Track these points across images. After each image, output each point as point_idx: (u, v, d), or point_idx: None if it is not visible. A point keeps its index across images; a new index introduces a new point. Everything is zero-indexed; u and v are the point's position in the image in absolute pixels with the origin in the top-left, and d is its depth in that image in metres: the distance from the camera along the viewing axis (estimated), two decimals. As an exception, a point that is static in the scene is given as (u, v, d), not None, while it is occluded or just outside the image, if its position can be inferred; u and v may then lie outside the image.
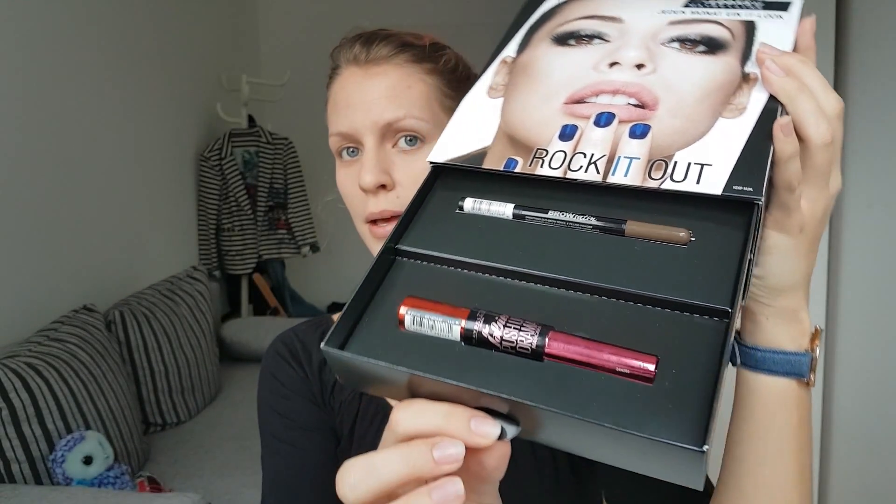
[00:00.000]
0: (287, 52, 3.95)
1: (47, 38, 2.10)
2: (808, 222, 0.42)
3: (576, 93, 0.43)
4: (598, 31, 0.47)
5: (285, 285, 3.53)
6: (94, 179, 2.33)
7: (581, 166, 0.39)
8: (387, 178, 0.63)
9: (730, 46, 0.43)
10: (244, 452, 2.10)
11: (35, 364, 1.69)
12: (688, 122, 0.40)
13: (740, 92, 0.41)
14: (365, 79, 0.65)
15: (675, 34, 0.45)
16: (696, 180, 0.37)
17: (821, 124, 0.39)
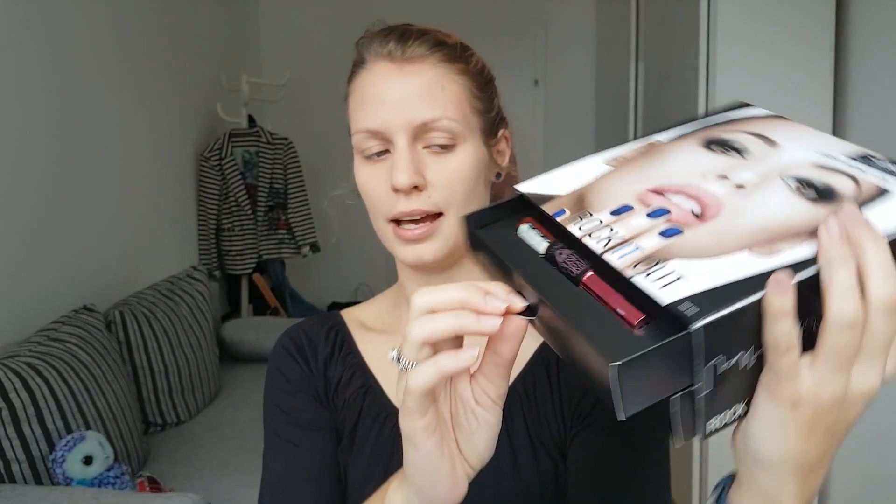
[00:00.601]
0: (287, 53, 3.96)
1: (48, 39, 2.10)
2: (807, 401, 0.36)
3: (662, 185, 0.44)
4: (745, 147, 0.46)
5: (285, 285, 3.53)
6: (95, 179, 2.33)
7: (597, 237, 0.41)
8: (420, 179, 0.62)
9: (841, 201, 0.39)
10: (244, 452, 2.09)
11: (35, 364, 1.68)
12: (715, 244, 0.38)
13: (792, 240, 0.38)
14: (400, 76, 0.63)
15: (804, 174, 0.42)
16: (662, 285, 0.37)
17: (847, 302, 0.35)
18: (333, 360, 0.73)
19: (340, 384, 0.72)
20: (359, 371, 0.72)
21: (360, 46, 0.68)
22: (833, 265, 0.35)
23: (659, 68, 2.34)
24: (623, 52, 2.84)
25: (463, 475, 0.45)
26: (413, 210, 0.62)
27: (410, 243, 0.64)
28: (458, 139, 0.64)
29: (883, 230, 0.37)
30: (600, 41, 3.67)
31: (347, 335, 0.75)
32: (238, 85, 3.18)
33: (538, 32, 3.85)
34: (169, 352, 2.26)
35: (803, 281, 0.36)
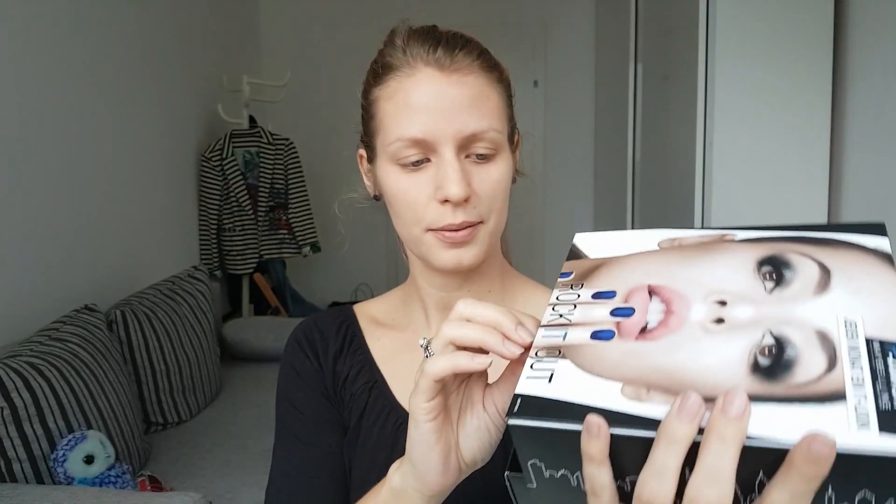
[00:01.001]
0: (288, 53, 3.96)
1: (48, 39, 2.11)
2: None
3: (665, 286, 0.43)
4: (790, 280, 0.41)
5: (286, 285, 3.54)
6: (96, 179, 2.34)
7: (557, 310, 0.45)
8: (471, 190, 0.62)
9: (784, 384, 0.35)
10: (245, 451, 2.10)
11: (36, 363, 1.69)
12: (609, 366, 0.38)
13: (671, 397, 0.35)
14: (448, 86, 0.61)
15: (787, 336, 0.37)
16: (528, 376, 0.39)
17: (651, 484, 0.33)
18: (342, 356, 0.75)
19: (348, 379, 0.73)
20: (366, 366, 0.73)
21: (394, 48, 0.65)
22: (660, 441, 0.33)
23: (658, 69, 2.35)
24: (622, 53, 2.84)
25: (455, 465, 0.48)
26: (461, 222, 0.62)
27: (452, 248, 0.64)
28: (499, 149, 0.64)
29: (767, 432, 0.32)
30: (599, 42, 3.68)
31: (357, 331, 0.76)
32: (239, 85, 3.19)
33: (538, 33, 3.85)
34: (170, 351, 2.27)
35: (637, 441, 0.34)
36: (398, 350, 0.74)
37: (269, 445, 2.27)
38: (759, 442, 0.32)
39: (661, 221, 2.32)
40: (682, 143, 1.97)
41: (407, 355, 0.72)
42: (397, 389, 0.72)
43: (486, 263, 0.69)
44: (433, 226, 0.63)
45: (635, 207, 2.77)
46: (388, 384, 0.72)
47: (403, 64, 0.64)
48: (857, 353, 0.36)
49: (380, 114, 0.65)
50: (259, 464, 2.03)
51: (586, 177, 3.74)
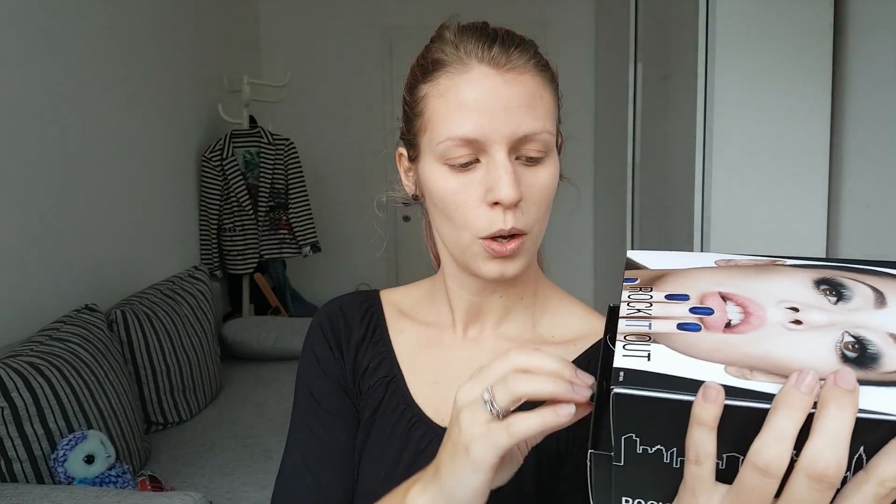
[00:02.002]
0: (288, 54, 3.97)
1: (49, 39, 2.11)
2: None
3: (736, 294, 0.44)
4: (851, 296, 0.44)
5: (286, 285, 3.54)
6: (96, 179, 2.34)
7: (633, 307, 0.45)
8: (521, 194, 0.60)
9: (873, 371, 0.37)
10: (245, 451, 2.10)
11: (37, 363, 1.69)
12: (709, 351, 0.39)
13: (772, 376, 0.37)
14: (503, 85, 0.59)
15: (866, 336, 0.40)
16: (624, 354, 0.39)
17: (771, 447, 0.33)
18: (364, 345, 0.74)
19: (367, 371, 0.73)
20: (386, 359, 0.73)
21: (445, 44, 0.63)
22: (779, 408, 0.34)
23: (658, 69, 2.35)
24: (622, 53, 2.84)
25: (487, 493, 0.49)
26: (511, 228, 0.60)
27: (498, 260, 0.62)
28: (549, 152, 0.62)
29: (874, 407, 0.34)
30: (599, 42, 3.68)
31: (381, 319, 0.75)
32: (239, 86, 3.19)
33: (538, 33, 3.85)
34: (170, 351, 2.27)
35: (748, 412, 0.35)
36: (420, 346, 0.73)
37: (269, 445, 2.28)
38: (870, 415, 0.34)
39: (661, 221, 2.32)
40: (681, 143, 1.97)
41: (427, 352, 0.72)
42: (414, 387, 0.71)
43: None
44: (483, 233, 0.61)
45: (635, 207, 2.77)
46: (405, 380, 0.72)
47: (456, 60, 0.61)
48: None
49: (428, 111, 0.62)
50: (259, 464, 2.03)
51: (586, 177, 3.75)
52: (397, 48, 3.91)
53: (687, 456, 0.36)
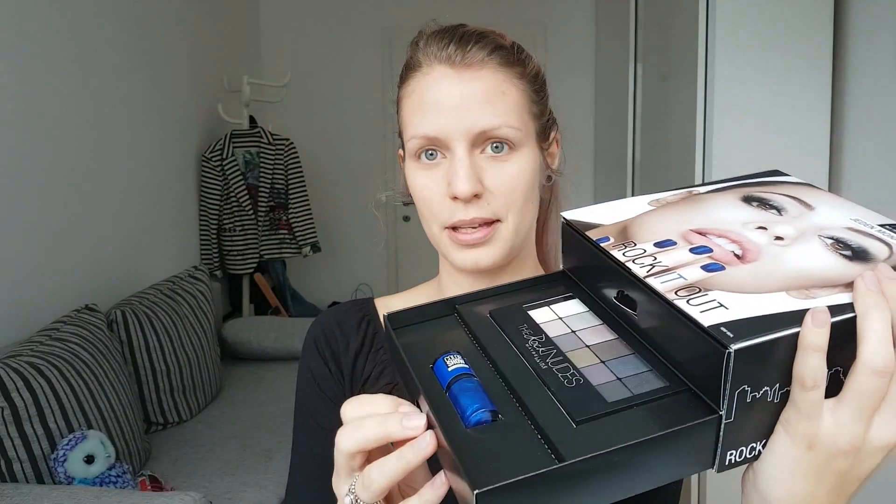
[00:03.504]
0: (288, 54, 3.97)
1: (49, 39, 2.11)
2: (824, 444, 0.37)
3: (706, 227, 0.46)
4: (783, 206, 0.48)
5: (286, 285, 3.54)
6: (96, 180, 2.34)
7: (643, 264, 0.43)
8: (480, 187, 0.61)
9: (873, 261, 0.41)
10: (245, 451, 2.10)
11: (37, 363, 1.69)
12: (755, 282, 0.40)
13: (828, 289, 0.39)
14: (459, 82, 0.61)
15: (839, 235, 0.44)
16: (702, 310, 0.38)
17: (882, 349, 0.36)
18: (363, 355, 0.73)
19: (370, 380, 0.72)
20: (388, 367, 0.72)
21: (416, 49, 0.66)
22: (870, 312, 0.36)
23: (658, 70, 2.35)
24: (622, 53, 2.84)
25: None
26: (472, 219, 0.62)
27: (468, 248, 0.63)
28: (517, 145, 0.63)
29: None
30: (599, 42, 3.68)
31: (378, 327, 0.74)
32: (239, 86, 3.19)
33: (538, 33, 3.85)
34: (170, 351, 2.27)
35: (836, 324, 0.37)
36: None
37: (269, 445, 2.28)
38: None
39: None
40: (681, 143, 1.98)
41: None
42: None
43: (515, 264, 0.68)
44: (447, 223, 0.63)
45: (635, 207, 2.76)
46: None
47: (421, 63, 0.64)
48: (890, 235, 0.44)
49: (402, 113, 0.66)
50: (259, 463, 2.03)
51: (586, 176, 3.75)
52: (397, 49, 3.91)
53: (801, 384, 0.36)
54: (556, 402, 0.41)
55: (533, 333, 0.47)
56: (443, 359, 0.45)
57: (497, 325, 0.49)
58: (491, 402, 0.41)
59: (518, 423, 0.41)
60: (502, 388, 0.43)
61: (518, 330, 0.48)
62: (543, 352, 0.45)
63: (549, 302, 0.51)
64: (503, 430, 0.40)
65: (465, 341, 0.49)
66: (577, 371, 0.43)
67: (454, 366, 0.44)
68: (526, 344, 0.46)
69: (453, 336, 0.49)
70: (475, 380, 0.43)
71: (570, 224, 0.50)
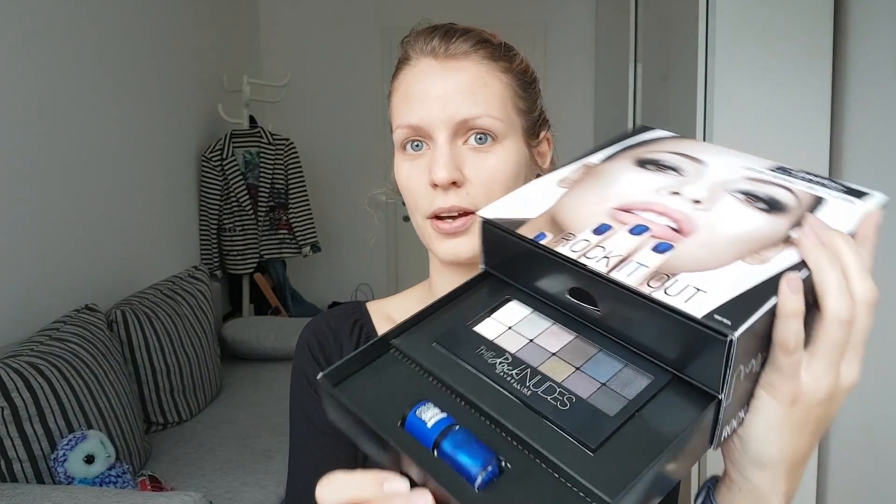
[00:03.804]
0: (288, 53, 3.97)
1: (49, 39, 2.11)
2: (805, 398, 0.39)
3: (628, 203, 0.45)
4: (678, 166, 0.49)
5: (286, 285, 3.54)
6: (96, 179, 2.34)
7: (595, 257, 0.41)
8: (459, 175, 0.62)
9: (789, 211, 0.44)
10: (245, 451, 2.10)
11: (37, 363, 1.69)
12: (709, 255, 0.40)
13: (774, 249, 0.40)
14: (443, 72, 0.63)
15: (746, 188, 0.46)
16: (685, 299, 0.37)
17: (841, 300, 0.38)
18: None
19: None
20: None
21: (405, 44, 0.68)
22: (824, 268, 0.38)
23: (658, 69, 2.35)
24: (622, 53, 2.84)
25: None
26: (451, 206, 0.62)
27: (448, 237, 0.63)
28: (499, 137, 0.63)
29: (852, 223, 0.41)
30: (599, 42, 3.68)
31: (372, 331, 0.73)
32: (239, 86, 3.19)
33: (538, 33, 3.85)
34: (170, 351, 2.27)
35: (805, 283, 0.38)
36: None
37: (268, 445, 2.28)
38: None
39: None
40: (681, 143, 1.97)
41: None
42: None
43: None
44: (429, 212, 0.63)
45: (635, 207, 2.76)
46: None
47: (408, 58, 0.66)
48: (784, 178, 0.47)
49: (391, 106, 0.68)
50: (259, 464, 2.03)
51: (586, 177, 3.74)
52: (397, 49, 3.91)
53: (785, 349, 0.38)
54: (561, 431, 0.38)
55: (496, 355, 0.43)
56: (414, 412, 0.39)
57: (452, 355, 0.43)
58: (490, 450, 0.37)
59: (530, 468, 0.37)
60: (491, 428, 0.39)
61: (478, 355, 0.43)
62: (518, 374, 0.41)
63: (489, 312, 0.47)
64: (518, 481, 0.36)
65: (424, 383, 0.43)
66: (562, 388, 0.40)
67: (433, 419, 0.39)
68: (496, 370, 0.41)
69: (407, 380, 0.43)
70: (463, 429, 0.38)
71: (493, 224, 0.47)
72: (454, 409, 0.40)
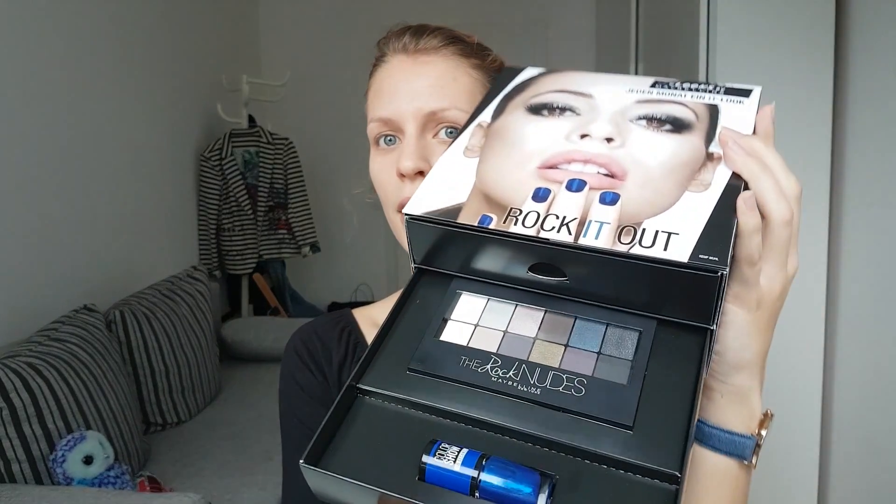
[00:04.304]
0: (287, 53, 3.96)
1: (48, 39, 2.10)
2: (766, 299, 0.43)
3: (549, 159, 0.45)
4: (570, 105, 0.49)
5: (285, 285, 3.53)
6: (95, 179, 2.33)
7: (553, 227, 0.40)
8: (425, 165, 0.62)
9: (694, 127, 0.46)
10: (244, 452, 2.10)
11: (35, 364, 1.69)
12: (655, 194, 0.42)
13: (705, 169, 0.43)
14: (412, 67, 0.65)
15: (643, 112, 0.47)
16: (663, 247, 0.38)
17: (781, 203, 0.41)
18: (347, 365, 0.72)
19: None
20: None
21: (380, 44, 0.70)
22: (759, 177, 0.41)
23: (658, 69, 2.35)
24: (623, 52, 2.84)
25: None
26: None
27: None
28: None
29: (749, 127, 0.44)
30: (600, 42, 3.68)
31: (360, 337, 0.73)
32: (238, 85, 3.19)
33: (538, 33, 3.85)
34: (169, 351, 2.27)
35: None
36: None
37: (268, 446, 2.27)
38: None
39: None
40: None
41: None
42: None
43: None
44: (397, 203, 0.64)
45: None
46: None
47: (382, 56, 0.69)
48: (668, 93, 0.48)
49: (367, 104, 0.70)
50: (258, 464, 2.03)
51: (586, 177, 3.75)
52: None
53: (750, 262, 0.41)
54: (590, 420, 0.36)
55: (482, 362, 0.40)
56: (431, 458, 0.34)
57: (434, 377, 0.39)
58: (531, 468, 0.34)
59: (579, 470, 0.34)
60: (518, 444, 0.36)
61: (463, 368, 0.39)
62: (516, 375, 0.38)
63: (446, 316, 0.44)
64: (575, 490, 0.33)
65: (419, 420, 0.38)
66: (566, 374, 0.38)
67: (457, 458, 0.34)
68: (491, 378, 0.38)
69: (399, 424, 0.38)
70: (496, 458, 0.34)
71: (431, 221, 0.44)
72: (469, 439, 0.36)
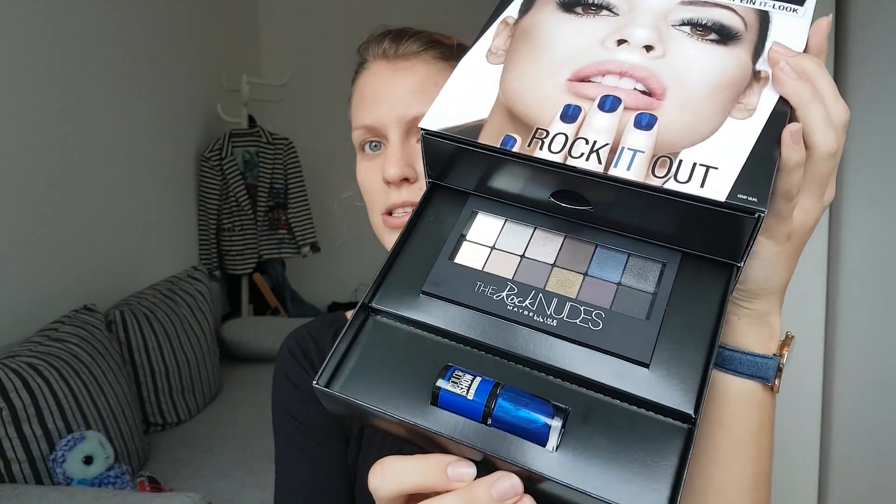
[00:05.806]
0: (287, 52, 3.96)
1: (48, 38, 2.10)
2: (797, 231, 0.41)
3: (581, 70, 0.41)
4: (607, 2, 0.44)
5: (285, 285, 3.53)
6: (95, 179, 2.33)
7: (582, 153, 0.37)
8: (410, 171, 0.63)
9: (742, 38, 0.41)
10: (244, 452, 2.10)
11: (35, 364, 1.69)
12: (696, 119, 0.38)
13: (750, 91, 0.39)
14: (393, 73, 0.65)
15: (687, 16, 0.42)
16: (700, 183, 0.35)
17: (829, 133, 0.38)
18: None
19: None
20: None
21: (361, 49, 0.70)
22: (808, 105, 0.38)
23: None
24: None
25: None
26: (403, 202, 0.63)
27: (396, 230, 0.64)
28: None
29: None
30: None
31: None
32: (238, 85, 3.19)
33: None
34: (169, 351, 2.27)
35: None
36: None
37: (268, 446, 2.27)
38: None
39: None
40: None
41: None
42: None
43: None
44: (383, 209, 0.65)
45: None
46: None
47: (364, 61, 0.69)
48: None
49: (350, 111, 0.70)
50: (258, 464, 2.03)
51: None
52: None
53: (787, 197, 0.39)
54: (607, 354, 0.34)
55: (498, 288, 0.37)
56: (445, 384, 0.34)
57: (449, 302, 0.37)
58: (544, 399, 0.33)
59: (591, 405, 0.33)
60: (532, 374, 0.35)
61: (478, 294, 0.37)
62: (532, 304, 0.36)
63: (461, 235, 0.41)
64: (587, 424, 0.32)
65: (432, 344, 0.37)
66: (584, 305, 0.36)
67: (471, 385, 0.33)
68: (507, 306, 0.36)
69: (411, 346, 0.37)
70: (509, 387, 0.33)
71: (448, 138, 0.40)
72: (482, 366, 0.35)
